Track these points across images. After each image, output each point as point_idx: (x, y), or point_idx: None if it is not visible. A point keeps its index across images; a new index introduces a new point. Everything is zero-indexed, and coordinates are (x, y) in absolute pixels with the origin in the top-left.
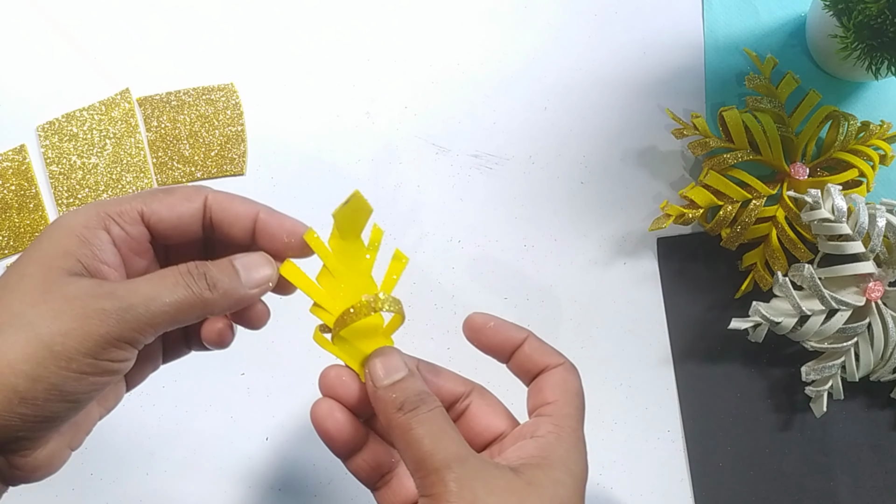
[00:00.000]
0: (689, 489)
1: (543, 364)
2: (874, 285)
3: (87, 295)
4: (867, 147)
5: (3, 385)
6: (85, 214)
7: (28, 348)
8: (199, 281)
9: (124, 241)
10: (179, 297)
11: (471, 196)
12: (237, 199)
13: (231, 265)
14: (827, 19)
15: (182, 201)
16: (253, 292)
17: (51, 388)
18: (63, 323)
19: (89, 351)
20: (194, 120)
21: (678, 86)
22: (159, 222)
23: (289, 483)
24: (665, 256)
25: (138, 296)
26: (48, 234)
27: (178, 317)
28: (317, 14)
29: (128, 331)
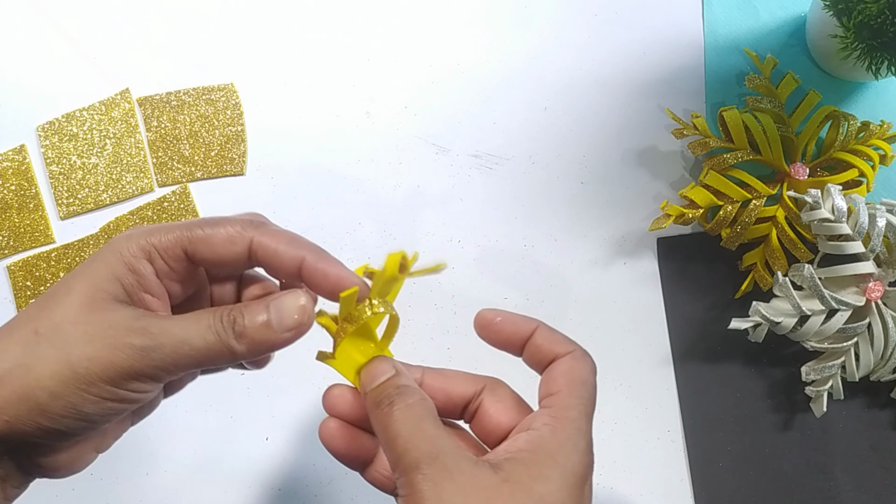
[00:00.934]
0: (689, 489)
1: (553, 353)
2: (874, 285)
3: (123, 327)
4: (867, 147)
5: (28, 396)
6: (136, 243)
7: (56, 366)
8: (227, 329)
9: (167, 273)
10: (208, 343)
11: (471, 196)
12: (283, 243)
13: (265, 309)
14: (827, 19)
15: (226, 244)
16: (285, 336)
17: (69, 407)
18: (93, 349)
19: (110, 380)
20: (194, 120)
21: (678, 86)
22: (202, 261)
23: (289, 483)
24: (665, 256)
25: (169, 336)
26: (102, 253)
27: (204, 362)
28: (317, 14)
29: (150, 368)
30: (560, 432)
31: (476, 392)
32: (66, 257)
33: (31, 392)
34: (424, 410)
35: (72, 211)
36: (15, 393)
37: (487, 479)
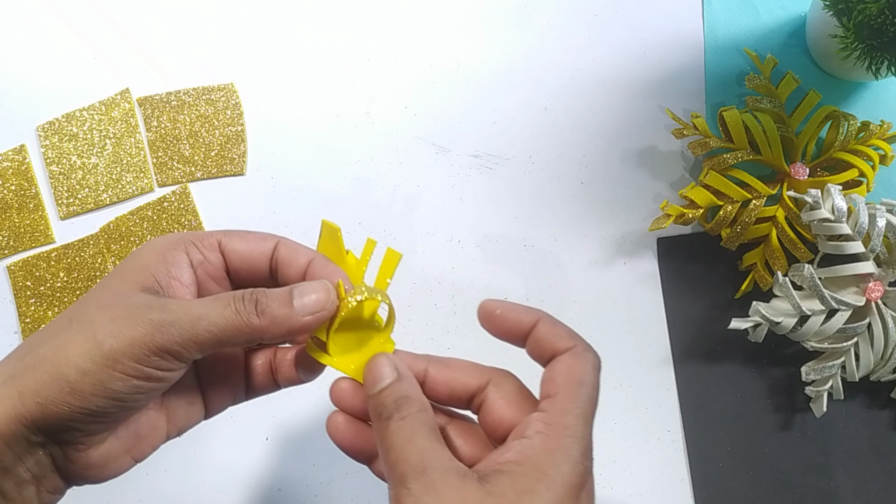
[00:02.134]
0: (689, 489)
1: (553, 349)
2: (874, 285)
3: (144, 305)
4: (867, 147)
5: (58, 374)
6: (171, 238)
7: (85, 345)
8: (248, 305)
9: (201, 263)
10: (226, 319)
11: (471, 196)
12: (302, 248)
13: (288, 292)
14: (827, 19)
15: (257, 240)
16: (306, 320)
17: (97, 384)
18: (115, 326)
19: (133, 355)
20: (194, 120)
21: (678, 86)
22: (233, 252)
23: (289, 483)
24: (665, 256)
25: (187, 312)
26: (137, 251)
27: (222, 338)
28: (317, 14)
29: (169, 342)
30: (552, 441)
31: (481, 385)
32: (66, 257)
33: (61, 371)
34: (419, 423)
35: (72, 211)
36: (48, 374)
37: (472, 493)
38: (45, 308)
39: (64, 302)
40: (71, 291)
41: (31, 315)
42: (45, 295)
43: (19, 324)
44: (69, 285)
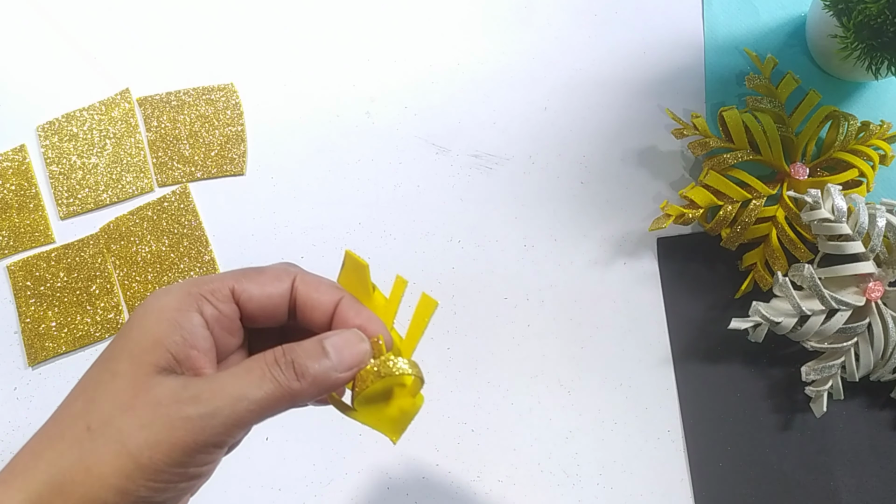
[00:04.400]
0: (689, 489)
1: None
2: (874, 285)
3: (172, 400)
4: (867, 147)
5: (96, 499)
6: (178, 295)
7: (117, 461)
8: (286, 371)
9: (217, 319)
10: (267, 392)
11: (471, 196)
12: (323, 284)
13: (321, 347)
14: (827, 19)
15: (272, 281)
16: (345, 376)
17: (139, 500)
18: (150, 433)
19: (176, 462)
20: (194, 120)
21: (678, 86)
22: (249, 301)
23: (289, 483)
24: (665, 256)
25: (223, 397)
26: (140, 318)
27: (265, 413)
28: (317, 14)
29: (214, 436)
30: None
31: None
32: (66, 257)
33: (96, 495)
34: None
35: (72, 211)
36: (80, 499)
37: None
38: (45, 308)
39: (64, 302)
40: (71, 291)
41: (31, 315)
42: (45, 295)
43: (19, 324)
44: (69, 285)
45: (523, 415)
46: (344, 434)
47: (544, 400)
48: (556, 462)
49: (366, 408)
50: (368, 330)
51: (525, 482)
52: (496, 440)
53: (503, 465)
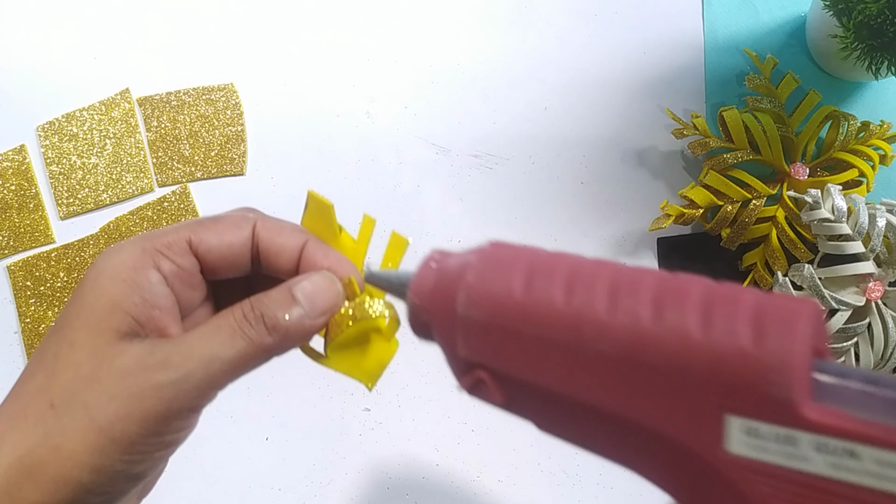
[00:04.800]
0: None
1: None
2: (874, 285)
3: (140, 368)
4: (867, 147)
5: (68, 479)
6: (130, 253)
7: (88, 437)
8: (256, 326)
9: (176, 274)
10: (239, 350)
11: (471, 196)
12: (286, 228)
13: (290, 294)
14: (827, 19)
15: (231, 228)
16: (319, 322)
17: (115, 475)
18: (120, 406)
19: (150, 432)
20: (194, 120)
21: (678, 86)
22: (208, 252)
23: (289, 483)
24: (665, 256)
25: (194, 359)
26: (92, 282)
27: (239, 371)
28: (317, 14)
29: (188, 401)
30: None
31: None
32: (66, 257)
33: (69, 474)
34: None
35: (72, 211)
36: (52, 481)
37: None
38: (45, 308)
39: (64, 302)
40: (71, 291)
41: (31, 315)
42: (45, 295)
43: (19, 324)
44: (69, 285)
45: None
46: (344, 434)
47: None
48: (556, 462)
49: (339, 354)
50: (338, 271)
51: (525, 482)
52: (496, 440)
53: (503, 465)
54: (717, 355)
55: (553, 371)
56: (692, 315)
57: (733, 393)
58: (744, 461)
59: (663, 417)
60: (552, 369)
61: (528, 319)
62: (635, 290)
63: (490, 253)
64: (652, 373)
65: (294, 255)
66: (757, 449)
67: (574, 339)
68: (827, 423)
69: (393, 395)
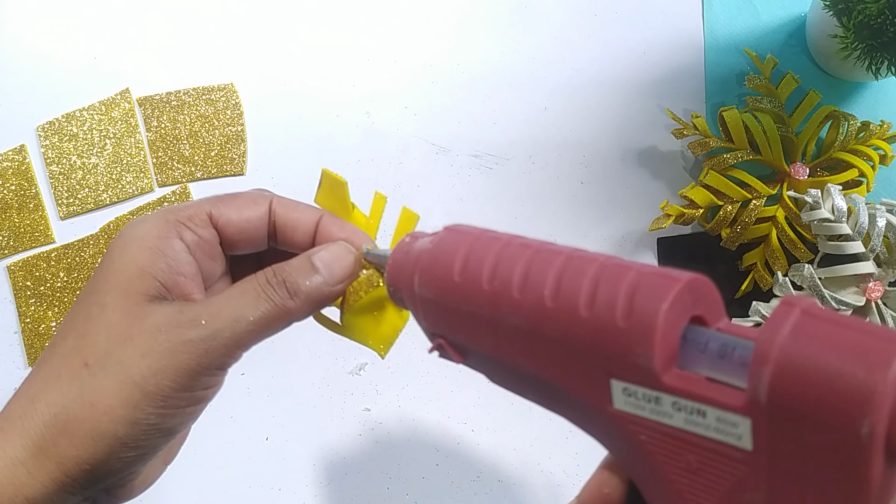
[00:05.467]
0: None
1: None
2: (874, 285)
3: (171, 325)
4: (867, 147)
5: (105, 432)
6: (155, 223)
7: (123, 392)
8: (279, 290)
9: (198, 245)
10: (263, 311)
11: (471, 196)
12: (301, 204)
13: (310, 263)
14: (827, 19)
15: (249, 204)
16: (338, 289)
17: (149, 429)
18: (153, 361)
19: (183, 386)
20: (194, 120)
21: (678, 86)
22: (227, 225)
23: (289, 483)
24: (665, 256)
25: (222, 318)
26: (120, 249)
27: (264, 332)
28: (317, 14)
29: (217, 358)
30: None
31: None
32: (66, 257)
33: (107, 429)
34: None
35: (72, 211)
36: (90, 435)
37: None
38: (45, 308)
39: (64, 302)
40: (71, 291)
41: (31, 315)
42: (45, 295)
43: (19, 324)
44: (69, 285)
45: (523, 415)
46: (344, 434)
47: None
48: (556, 462)
49: (353, 322)
50: (354, 242)
51: (525, 482)
52: (496, 440)
53: (503, 464)
54: (597, 330)
55: (485, 340)
56: (582, 293)
57: (611, 362)
58: (626, 415)
59: (567, 380)
60: (484, 339)
61: (463, 298)
62: (544, 270)
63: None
64: (552, 344)
65: (310, 229)
66: (634, 406)
67: (496, 314)
68: (680, 388)
69: (393, 395)
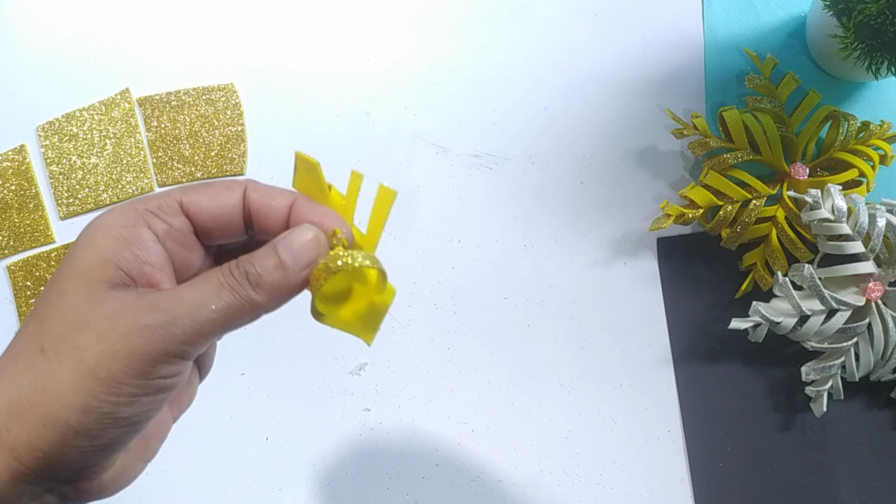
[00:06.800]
0: (689, 489)
1: None
2: (874, 285)
3: (129, 310)
4: (867, 147)
5: (56, 420)
6: (122, 213)
7: (75, 378)
8: (241, 281)
9: (168, 234)
10: (226, 301)
11: (471, 196)
12: (276, 189)
13: (274, 251)
14: (827, 19)
15: (222, 191)
16: (304, 274)
17: (103, 417)
18: (107, 345)
19: (137, 372)
20: (194, 120)
21: (678, 86)
22: (199, 212)
23: (289, 483)
24: (665, 256)
25: (182, 305)
26: (85, 239)
27: (227, 323)
28: (316, 14)
29: (175, 344)
30: None
31: None
32: None
33: (58, 416)
34: None
35: (72, 211)
36: (41, 422)
37: None
38: None
39: None
40: None
41: None
42: None
43: (19, 324)
44: None
45: (523, 415)
46: (344, 434)
47: (544, 400)
48: (556, 462)
49: (331, 310)
50: (325, 225)
51: (525, 482)
52: (496, 440)
53: (503, 465)
54: None
55: None
56: None
57: None
58: None
59: None
60: None
61: None
62: None
63: None
64: None
65: (283, 214)
66: None
67: None
68: None
69: (393, 395)
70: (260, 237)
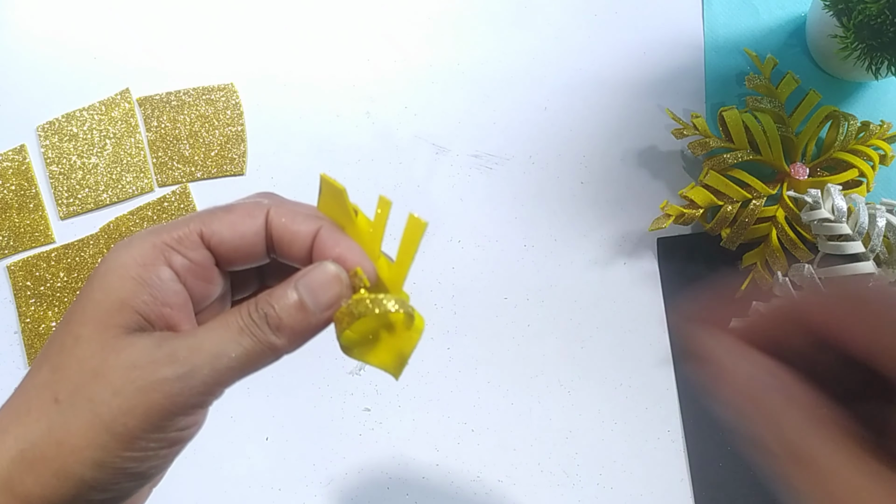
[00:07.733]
0: (689, 489)
1: None
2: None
3: (147, 362)
4: (867, 147)
5: (70, 474)
6: (140, 249)
7: (90, 432)
8: (262, 325)
9: (189, 269)
10: (246, 347)
11: (471, 196)
12: (301, 213)
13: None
14: (827, 19)
15: (243, 218)
16: (325, 315)
17: (117, 472)
18: (124, 400)
19: (154, 427)
20: (194, 120)
21: (678, 86)
22: (221, 244)
23: (289, 483)
24: (665, 256)
25: (202, 354)
26: (101, 279)
27: (246, 369)
28: (317, 14)
29: (194, 396)
30: None
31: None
32: (66, 257)
33: (71, 469)
34: None
35: (72, 211)
36: (55, 475)
37: None
38: (45, 308)
39: (64, 302)
40: (71, 291)
41: (31, 315)
42: (45, 295)
43: (19, 324)
44: (69, 285)
45: (523, 415)
46: (344, 434)
47: (544, 400)
48: (556, 462)
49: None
50: (348, 261)
51: (525, 482)
52: (496, 440)
53: (503, 465)
54: None
55: None
56: None
57: None
58: None
59: None
60: None
61: None
62: None
63: None
64: None
65: (307, 242)
66: None
67: None
68: None
69: (393, 395)
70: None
